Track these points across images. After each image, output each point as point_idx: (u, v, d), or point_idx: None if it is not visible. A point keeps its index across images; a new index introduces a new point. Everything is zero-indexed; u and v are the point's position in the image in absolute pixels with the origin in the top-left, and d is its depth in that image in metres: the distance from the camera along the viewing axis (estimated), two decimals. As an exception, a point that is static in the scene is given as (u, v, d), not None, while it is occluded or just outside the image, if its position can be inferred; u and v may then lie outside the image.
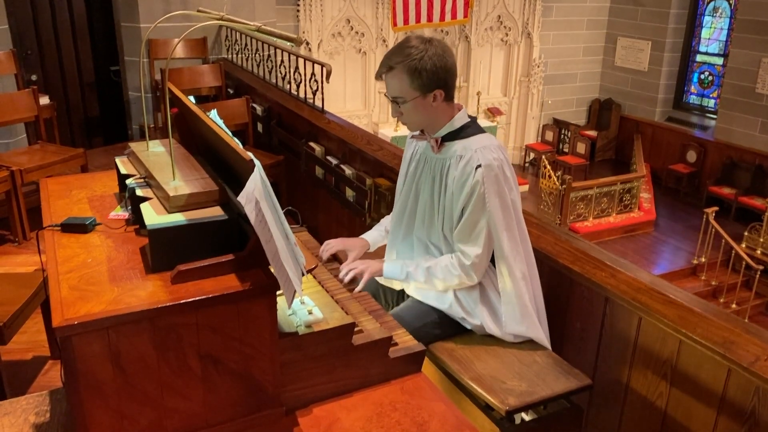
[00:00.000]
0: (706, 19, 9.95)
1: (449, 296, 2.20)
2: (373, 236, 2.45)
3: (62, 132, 5.80)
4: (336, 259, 2.33)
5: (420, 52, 1.99)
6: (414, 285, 2.23)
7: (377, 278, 2.34)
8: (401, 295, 2.39)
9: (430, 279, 2.16)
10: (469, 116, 2.16)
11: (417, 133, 2.22)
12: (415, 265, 2.18)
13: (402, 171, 2.32)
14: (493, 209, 2.04)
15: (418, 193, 2.22)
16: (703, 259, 7.28)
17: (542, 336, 2.22)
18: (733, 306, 6.86)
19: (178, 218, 1.56)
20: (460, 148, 2.08)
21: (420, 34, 2.06)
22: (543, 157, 8.92)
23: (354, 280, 2.13)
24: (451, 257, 2.13)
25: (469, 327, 2.23)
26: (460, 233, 2.10)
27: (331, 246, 2.30)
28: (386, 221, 2.49)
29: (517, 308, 2.15)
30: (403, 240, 2.30)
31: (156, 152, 1.93)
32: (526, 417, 2.15)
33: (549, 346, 2.24)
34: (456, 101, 2.15)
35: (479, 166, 2.02)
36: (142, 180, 1.81)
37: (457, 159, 2.08)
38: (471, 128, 2.12)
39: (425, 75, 1.99)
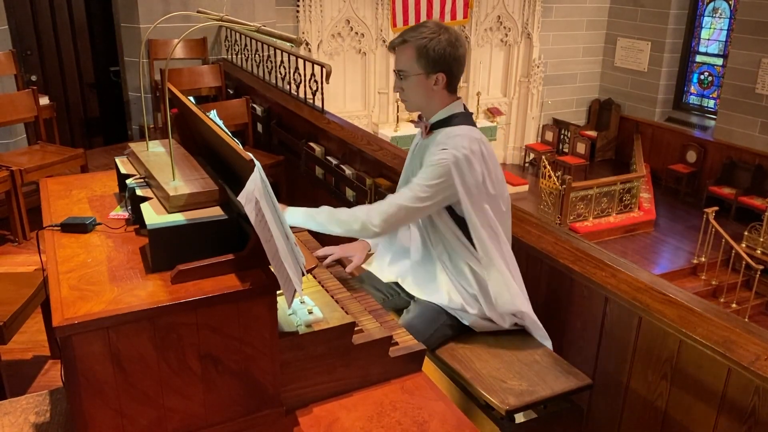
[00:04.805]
0: (706, 19, 9.96)
1: (444, 287, 2.22)
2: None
3: (62, 132, 5.81)
4: (339, 262, 2.34)
5: (433, 33, 2.06)
6: (314, 224, 2.20)
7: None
8: (399, 289, 2.39)
9: (331, 218, 2.15)
10: (466, 109, 2.19)
11: (417, 119, 2.27)
12: (326, 211, 2.18)
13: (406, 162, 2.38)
14: (460, 196, 2.07)
15: (408, 181, 2.24)
16: (703, 259, 7.28)
17: (532, 312, 2.23)
18: (733, 306, 6.87)
19: (178, 218, 1.56)
20: (443, 135, 2.12)
21: (439, 21, 2.12)
22: (543, 157, 8.93)
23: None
24: (364, 207, 2.16)
25: (467, 322, 2.24)
26: (397, 194, 2.14)
27: (331, 253, 2.31)
28: None
29: (503, 285, 2.15)
30: (403, 229, 2.33)
31: (156, 152, 1.93)
32: (526, 416, 2.15)
33: (540, 324, 2.25)
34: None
35: (445, 149, 2.06)
36: (142, 180, 1.81)
37: (436, 145, 2.11)
38: (459, 119, 2.15)
39: (431, 56, 2.06)
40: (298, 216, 2.17)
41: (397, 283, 2.37)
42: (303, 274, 1.58)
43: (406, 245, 2.32)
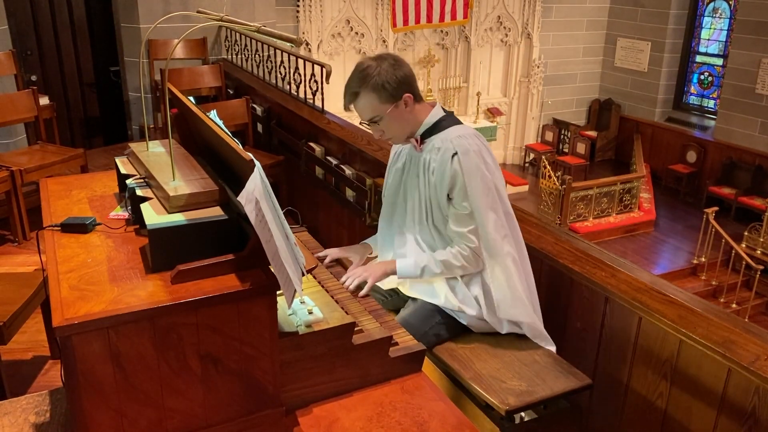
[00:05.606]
0: (706, 19, 9.95)
1: (442, 289, 2.21)
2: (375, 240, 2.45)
3: (62, 132, 5.81)
4: (340, 263, 2.34)
5: (375, 69, 2.07)
6: (426, 278, 2.22)
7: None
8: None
9: (449, 268, 2.16)
10: (445, 111, 2.21)
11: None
12: (428, 258, 2.18)
13: (388, 173, 2.37)
14: (475, 193, 2.08)
15: (406, 193, 2.26)
16: (703, 259, 7.28)
17: (536, 321, 2.22)
18: (733, 306, 6.87)
19: (178, 218, 1.56)
20: (438, 140, 2.14)
21: (370, 56, 2.17)
22: (543, 157, 8.93)
23: (359, 288, 2.14)
24: (453, 249, 2.15)
25: (464, 322, 2.23)
26: (456, 223, 2.13)
27: (331, 254, 2.31)
28: None
29: (508, 291, 2.15)
30: (399, 237, 2.32)
31: (156, 152, 1.93)
32: (526, 417, 2.15)
33: (544, 331, 2.24)
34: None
35: (455, 154, 2.07)
36: (142, 180, 1.81)
37: (435, 151, 2.13)
38: (446, 121, 2.17)
39: (389, 86, 2.07)
40: (408, 269, 2.19)
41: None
42: (303, 274, 1.58)
43: (401, 251, 2.32)
